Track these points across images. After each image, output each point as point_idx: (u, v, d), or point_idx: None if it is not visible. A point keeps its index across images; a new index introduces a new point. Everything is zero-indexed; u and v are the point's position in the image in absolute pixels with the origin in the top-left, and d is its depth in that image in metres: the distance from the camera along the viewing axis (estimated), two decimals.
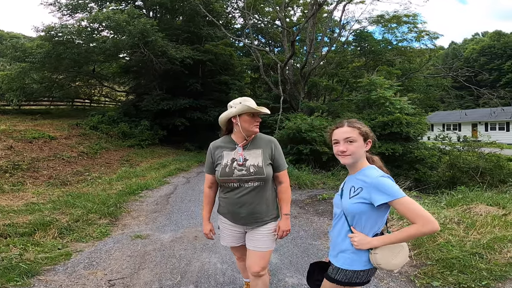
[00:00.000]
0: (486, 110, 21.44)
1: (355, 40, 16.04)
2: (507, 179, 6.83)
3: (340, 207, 1.46)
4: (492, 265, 2.75)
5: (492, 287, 2.57)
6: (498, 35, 63.87)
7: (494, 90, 14.61)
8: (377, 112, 8.89)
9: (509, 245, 2.97)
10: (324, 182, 8.00)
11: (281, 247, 3.57)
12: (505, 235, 3.17)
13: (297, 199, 6.10)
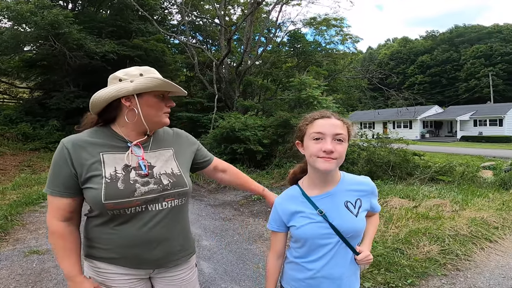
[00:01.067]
0: (394, 110, 24.86)
1: (289, 41, 16.74)
2: (413, 172, 7.92)
3: (335, 237, 1.05)
4: (413, 261, 2.90)
5: (417, 285, 2.66)
6: (405, 41, 74.87)
7: (400, 92, 16.86)
8: (306, 111, 9.33)
9: (424, 238, 3.25)
10: (259, 181, 8.13)
11: (215, 255, 3.36)
12: (418, 228, 3.48)
13: (232, 200, 5.97)
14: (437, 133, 33.93)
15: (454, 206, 4.27)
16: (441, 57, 62.63)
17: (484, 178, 7.94)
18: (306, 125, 1.06)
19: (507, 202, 4.71)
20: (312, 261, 1.06)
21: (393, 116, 29.71)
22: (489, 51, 55.28)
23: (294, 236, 1.10)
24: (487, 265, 2.98)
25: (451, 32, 66.75)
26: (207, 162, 1.38)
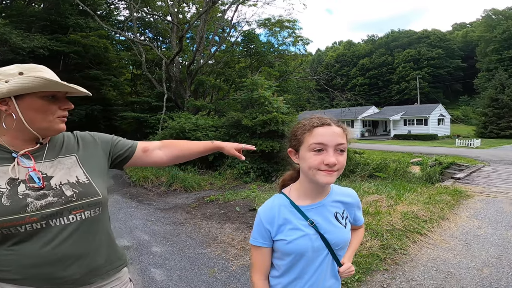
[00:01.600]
0: (338, 110, 26.62)
1: (243, 41, 16.78)
2: (355, 169, 8.58)
3: (325, 250, 0.99)
4: (358, 257, 3.03)
5: (363, 281, 2.77)
6: (349, 44, 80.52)
7: (343, 93, 18.09)
8: (258, 111, 9.45)
9: (366, 234, 3.46)
10: (212, 182, 7.96)
11: (167, 261, 3.21)
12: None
13: (183, 203, 5.77)
14: (374, 132, 37.32)
15: (389, 201, 4.70)
16: (379, 61, 68.67)
17: (413, 173, 8.96)
18: (304, 134, 0.95)
19: (432, 195, 5.36)
20: (301, 278, 0.99)
21: (338, 116, 31.62)
22: (418, 55, 62.36)
23: (282, 251, 0.98)
24: (420, 258, 3.25)
25: (387, 37, 73.13)
26: (130, 149, 1.19)
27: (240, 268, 3.12)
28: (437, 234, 3.90)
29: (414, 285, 2.72)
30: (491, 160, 11.45)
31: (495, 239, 3.75)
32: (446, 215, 4.53)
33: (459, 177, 7.82)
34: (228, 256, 3.39)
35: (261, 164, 9.01)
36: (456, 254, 3.34)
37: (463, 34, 68.07)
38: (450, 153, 14.36)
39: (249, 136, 9.38)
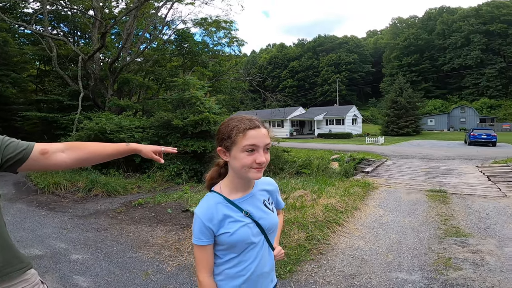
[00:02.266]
0: (269, 110, 27.89)
1: (177, 39, 16.08)
2: (284, 167, 9.13)
3: (261, 235, 1.10)
4: (288, 249, 3.24)
5: (295, 271, 2.97)
6: (282, 47, 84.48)
7: (274, 94, 18.98)
8: (189, 111, 9.24)
9: (294, 227, 3.72)
10: (140, 185, 7.60)
11: (91, 267, 3.02)
12: (289, 218, 3.99)
13: (107, 209, 5.41)
14: (302, 131, 40.30)
15: (313, 195, 5.18)
16: (306, 64, 74.08)
17: (333, 169, 10.00)
18: (238, 136, 1.02)
19: (347, 188, 6.09)
20: (247, 264, 1.08)
21: (269, 116, 33.30)
22: (338, 60, 69.35)
23: (227, 243, 1.06)
24: (340, 247, 3.64)
25: (315, 41, 79.02)
26: (25, 151, 1.06)
27: (176, 269, 3.09)
28: (351, 223, 4.43)
29: (337, 272, 3.04)
30: (392, 155, 13.60)
31: (396, 226, 4.43)
32: (358, 205, 5.21)
33: (368, 171, 9.08)
34: (162, 258, 3.32)
35: (194, 165, 8.83)
36: (367, 242, 3.83)
37: (374, 41, 78.18)
38: (361, 149, 16.51)
39: (180, 137, 9.10)
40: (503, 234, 4.00)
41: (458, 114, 44.85)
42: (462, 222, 4.53)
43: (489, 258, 3.27)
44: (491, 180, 7.62)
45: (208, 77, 15.86)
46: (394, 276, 2.95)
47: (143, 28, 15.18)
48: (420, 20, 65.78)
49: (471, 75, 52.32)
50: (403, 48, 60.49)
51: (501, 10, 51.16)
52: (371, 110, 56.92)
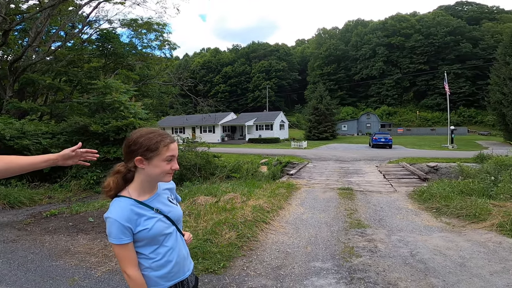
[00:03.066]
0: (201, 115, 27.55)
1: (99, 39, 14.55)
2: (214, 172, 9.30)
3: (172, 225, 1.32)
4: (221, 248, 3.50)
5: (228, 267, 3.27)
6: (216, 52, 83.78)
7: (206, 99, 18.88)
8: (111, 116, 8.66)
9: (225, 227, 3.99)
10: (51, 196, 7.00)
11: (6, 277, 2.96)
12: (220, 219, 4.24)
13: (11, 221, 5.00)
14: (233, 136, 40.99)
15: (243, 197, 5.53)
16: (239, 69, 75.13)
17: (262, 173, 10.62)
18: (163, 148, 1.22)
19: (274, 190, 6.63)
20: (170, 252, 1.29)
21: (200, 121, 32.87)
22: (269, 67, 72.20)
23: (147, 238, 1.23)
24: (267, 242, 4.05)
25: (248, 47, 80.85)
26: None
27: (106, 273, 3.09)
28: (277, 221, 4.91)
29: (265, 265, 3.42)
30: (312, 158, 15.11)
31: (313, 222, 5.06)
32: (283, 205, 5.77)
33: (292, 173, 9.97)
34: (89, 265, 3.29)
35: None
36: (290, 237, 4.31)
37: (301, 49, 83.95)
38: (287, 153, 17.85)
39: (100, 143, 8.47)
40: (392, 224, 4.97)
41: (365, 120, 52.12)
42: (363, 215, 5.46)
43: (380, 246, 4.04)
44: (386, 178, 9.27)
45: (134, 81, 14.86)
46: (312, 265, 3.45)
47: (57, 26, 13.43)
48: (340, 31, 72.69)
49: (375, 85, 60.79)
50: (325, 57, 66.56)
51: (402, 24, 60.20)
52: (296, 116, 60.97)
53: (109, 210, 1.21)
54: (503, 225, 4.26)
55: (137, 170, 1.25)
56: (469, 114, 49.90)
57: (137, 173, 1.26)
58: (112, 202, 1.24)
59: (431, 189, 6.58)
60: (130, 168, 1.26)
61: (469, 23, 58.41)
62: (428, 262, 3.42)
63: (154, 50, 17.06)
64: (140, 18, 15.42)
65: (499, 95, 28.47)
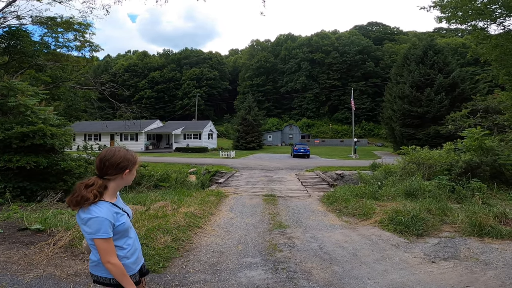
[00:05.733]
0: (122, 122, 25.56)
1: (5, 36, 12.26)
2: (141, 181, 8.97)
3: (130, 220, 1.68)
4: (158, 250, 3.78)
5: (167, 266, 3.59)
6: (144, 55, 77.89)
7: (129, 105, 17.67)
8: (14, 121, 7.62)
9: (159, 232, 4.24)
10: None
11: None
12: (153, 225, 4.44)
13: None
14: (158, 145, 39.04)
15: (173, 205, 5.71)
16: (169, 75, 71.66)
17: (191, 182, 10.69)
18: (137, 161, 1.68)
19: (204, 198, 6.91)
20: (135, 241, 1.68)
21: (121, 128, 30.36)
22: (200, 74, 70.50)
23: (122, 231, 1.59)
24: (202, 244, 4.47)
25: (181, 53, 77.97)
26: None
27: (37, 279, 3.11)
28: (209, 226, 5.31)
29: (203, 263, 3.84)
30: (240, 168, 15.82)
31: (242, 225, 5.59)
32: (213, 211, 6.13)
33: (220, 182, 10.37)
34: (13, 272, 3.24)
35: (20, 183, 7.34)
36: (222, 238, 4.77)
37: (234, 59, 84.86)
38: (216, 163, 18.18)
39: (0, 151, 7.32)
40: (306, 224, 5.83)
41: (288, 131, 56.40)
42: (284, 218, 6.22)
43: (297, 242, 4.77)
44: (303, 185, 10.51)
45: (45, 83, 12.98)
46: (244, 261, 3.97)
47: None
48: (271, 44, 75.73)
49: (298, 98, 65.70)
50: (255, 69, 68.83)
51: (324, 41, 65.90)
52: (225, 125, 61.51)
53: (94, 212, 1.48)
54: (383, 221, 5.38)
55: (112, 180, 1.60)
56: (369, 127, 58.68)
57: (112, 182, 1.60)
58: (95, 206, 1.50)
59: (335, 193, 7.80)
60: (109, 179, 1.58)
61: (375, 43, 67.31)
62: (331, 253, 4.24)
63: (71, 50, 15.20)
64: (60, 17, 13.66)
65: (390, 112, 34.84)
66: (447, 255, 4.11)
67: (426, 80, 31.21)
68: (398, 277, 3.45)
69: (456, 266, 3.73)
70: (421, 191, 6.85)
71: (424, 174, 8.52)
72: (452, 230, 5.00)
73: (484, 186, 6.95)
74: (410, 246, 4.46)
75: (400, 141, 29.31)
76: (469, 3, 9.20)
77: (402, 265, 3.80)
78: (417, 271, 3.62)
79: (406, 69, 33.98)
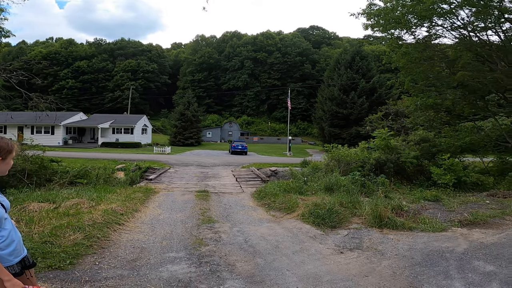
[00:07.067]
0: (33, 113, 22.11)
1: None
2: (52, 178, 7.95)
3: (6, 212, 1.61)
4: (65, 248, 3.53)
5: (76, 263, 3.42)
6: (69, 43, 68.38)
7: (44, 95, 15.39)
8: None
9: (68, 230, 3.96)
10: None
11: None
12: (61, 223, 4.11)
13: None
14: (81, 140, 35.03)
15: (91, 202, 5.30)
16: (98, 66, 64.94)
17: (118, 178, 9.90)
18: (14, 149, 1.62)
19: (129, 194, 6.51)
20: (12, 232, 1.61)
21: (32, 120, 26.24)
22: (137, 67, 65.60)
23: None
24: (121, 241, 4.27)
25: (115, 44, 71.45)
26: None
27: None
28: (132, 222, 5.05)
29: (120, 259, 3.68)
30: (175, 164, 15.28)
31: (170, 221, 5.45)
32: (139, 208, 5.83)
33: (151, 178, 9.88)
34: None
35: None
36: (146, 235, 4.60)
37: (176, 53, 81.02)
38: (149, 159, 17.20)
39: None
40: (235, 218, 5.96)
41: (227, 128, 56.50)
42: (214, 213, 6.25)
43: (224, 236, 4.85)
44: (237, 181, 10.72)
45: None
46: (167, 256, 3.92)
47: None
48: (217, 40, 74.76)
49: (239, 95, 66.41)
50: (198, 64, 67.21)
51: (268, 41, 67.64)
52: (162, 120, 58.72)
53: None
54: (304, 214, 5.71)
55: None
56: (304, 126, 62.60)
57: None
58: None
59: (266, 189, 8.13)
60: None
61: (314, 46, 71.30)
62: (256, 246, 4.41)
63: None
64: None
65: (321, 112, 37.86)
66: (353, 245, 4.48)
67: (352, 84, 34.81)
68: (312, 268, 3.69)
69: (359, 256, 4.09)
70: (338, 186, 7.52)
71: (343, 170, 9.52)
72: (360, 222, 5.46)
73: (387, 181, 8.07)
74: (325, 237, 4.80)
75: (328, 140, 32.03)
76: (391, 12, 10.27)
77: (316, 256, 4.08)
78: (328, 261, 3.90)
79: (336, 73, 37.34)
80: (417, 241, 4.60)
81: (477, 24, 9.97)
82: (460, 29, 10.37)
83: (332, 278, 3.44)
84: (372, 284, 3.29)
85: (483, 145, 10.53)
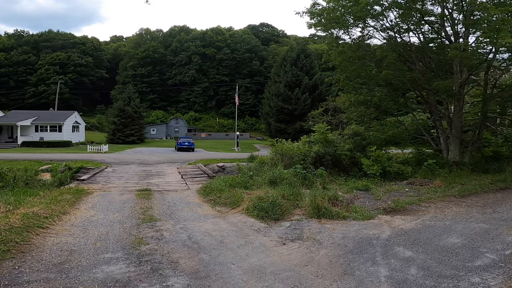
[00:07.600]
0: None
1: None
2: None
3: None
4: None
5: None
6: None
7: None
8: None
9: None
10: None
11: None
12: None
13: None
14: None
15: (8, 206, 4.72)
16: (18, 58, 57.59)
17: (43, 180, 8.78)
18: None
19: (56, 197, 5.86)
20: None
21: None
22: (67, 60, 58.88)
23: None
24: (46, 245, 3.95)
25: (40, 35, 63.80)
26: None
27: None
28: (59, 225, 4.61)
29: (45, 263, 3.44)
30: (113, 163, 14.14)
31: (105, 222, 5.07)
32: (67, 210, 5.30)
33: (84, 178, 8.99)
34: None
35: None
36: (76, 237, 4.26)
37: (116, 46, 74.42)
38: (81, 158, 15.58)
39: None
40: (180, 216, 5.79)
41: (173, 124, 54.28)
42: (157, 211, 6.00)
43: (166, 234, 4.69)
44: (183, 178, 10.41)
45: None
46: (102, 257, 3.70)
47: None
48: (163, 34, 71.14)
49: (186, 91, 64.58)
50: (141, 59, 63.15)
51: (218, 37, 66.51)
52: (98, 117, 54.12)
53: None
54: (249, 208, 5.80)
55: None
56: (252, 122, 63.50)
57: None
58: None
59: (212, 184, 8.07)
60: None
61: (263, 43, 72.46)
62: (200, 242, 4.37)
63: None
64: None
65: (268, 108, 38.84)
66: (294, 236, 4.66)
67: (296, 81, 36.40)
68: (256, 260, 3.78)
69: (300, 247, 4.28)
70: (281, 179, 7.81)
71: (286, 163, 9.94)
72: (301, 213, 5.70)
73: (325, 173, 8.67)
74: (269, 230, 4.93)
75: (275, 135, 33.02)
76: (332, 12, 10.91)
77: (261, 248, 4.20)
78: (272, 253, 4.02)
79: (283, 70, 38.64)
80: (350, 229, 5.01)
81: (402, 26, 11.27)
82: (388, 30, 11.60)
83: (276, 269, 3.56)
84: (312, 272, 3.50)
85: (404, 138, 12.03)
